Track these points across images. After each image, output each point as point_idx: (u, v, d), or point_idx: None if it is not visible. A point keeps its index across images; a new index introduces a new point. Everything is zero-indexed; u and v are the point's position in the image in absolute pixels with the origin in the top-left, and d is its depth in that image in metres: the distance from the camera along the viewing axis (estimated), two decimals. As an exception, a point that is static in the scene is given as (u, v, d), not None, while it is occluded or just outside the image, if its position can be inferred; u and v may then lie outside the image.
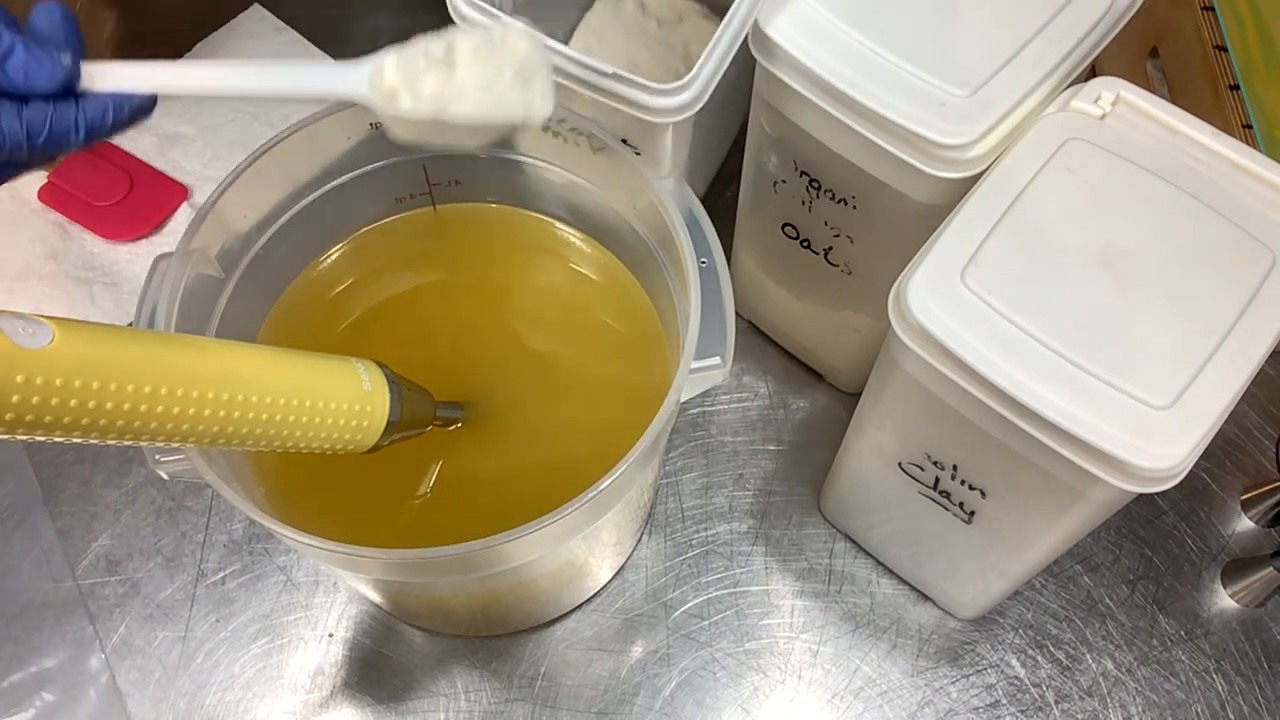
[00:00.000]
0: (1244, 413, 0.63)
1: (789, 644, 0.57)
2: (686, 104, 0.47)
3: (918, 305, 0.38)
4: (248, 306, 0.51)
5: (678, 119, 0.47)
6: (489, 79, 0.39)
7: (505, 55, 0.39)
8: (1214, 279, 0.39)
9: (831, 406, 0.64)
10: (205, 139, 0.73)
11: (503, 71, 0.39)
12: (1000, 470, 0.43)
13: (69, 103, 0.35)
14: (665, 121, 0.47)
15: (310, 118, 0.48)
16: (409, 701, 0.55)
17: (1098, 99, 0.43)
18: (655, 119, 0.47)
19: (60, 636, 0.58)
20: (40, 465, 0.62)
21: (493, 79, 0.39)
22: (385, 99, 0.38)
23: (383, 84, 0.38)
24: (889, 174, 0.45)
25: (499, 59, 0.39)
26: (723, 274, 0.44)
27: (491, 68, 0.39)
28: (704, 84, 0.47)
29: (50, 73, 0.34)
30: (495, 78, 0.39)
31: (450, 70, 0.38)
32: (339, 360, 0.44)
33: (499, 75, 0.39)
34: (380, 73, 0.39)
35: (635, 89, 0.46)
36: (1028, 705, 0.55)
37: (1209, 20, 0.60)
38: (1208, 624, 0.57)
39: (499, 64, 0.39)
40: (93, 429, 0.33)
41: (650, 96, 0.46)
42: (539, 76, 0.39)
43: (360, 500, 0.50)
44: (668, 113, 0.47)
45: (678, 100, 0.46)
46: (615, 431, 0.50)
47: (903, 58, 0.43)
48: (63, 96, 0.35)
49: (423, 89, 0.38)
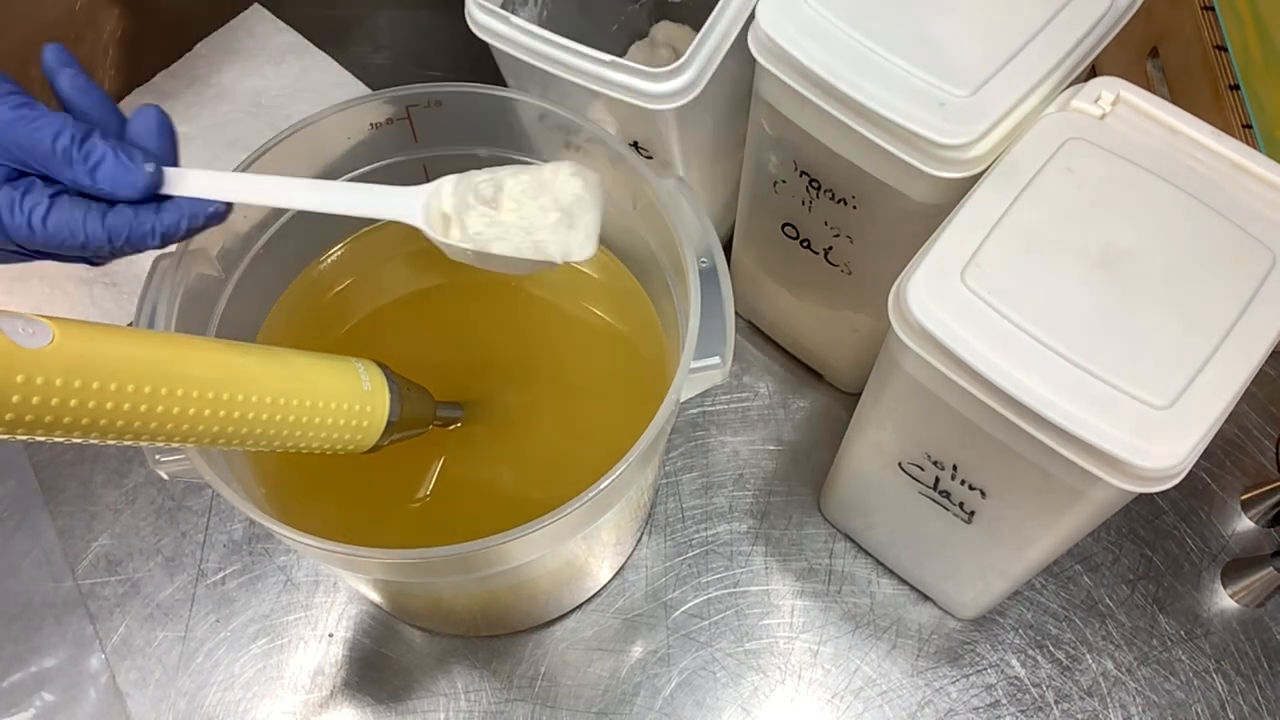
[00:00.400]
0: (1244, 413, 0.63)
1: (789, 644, 0.57)
2: (682, 89, 0.47)
3: (918, 305, 0.38)
4: (248, 306, 0.51)
5: (676, 105, 0.47)
6: (532, 220, 0.40)
7: (552, 194, 0.40)
8: (1214, 279, 0.39)
9: (831, 406, 0.64)
10: (205, 139, 0.73)
11: (548, 212, 0.40)
12: (1000, 470, 0.43)
13: (150, 209, 0.37)
14: (665, 109, 0.47)
15: (310, 118, 0.48)
16: (409, 701, 0.55)
17: (1098, 99, 0.43)
18: (654, 105, 0.47)
19: (60, 636, 0.58)
20: (40, 465, 0.62)
21: (536, 219, 0.40)
22: (437, 227, 0.40)
23: (436, 213, 0.40)
24: (889, 174, 0.45)
25: (545, 199, 0.40)
26: (723, 274, 0.44)
27: (537, 208, 0.40)
28: (699, 68, 0.47)
29: (134, 182, 0.36)
30: (539, 218, 0.40)
31: (496, 209, 0.40)
32: (339, 360, 0.44)
33: (543, 215, 0.40)
34: (434, 202, 0.40)
35: (632, 75, 0.46)
36: (1028, 705, 0.55)
37: (1209, 20, 0.60)
38: (1208, 624, 0.57)
39: (545, 204, 0.40)
40: (93, 429, 0.33)
41: (647, 82, 0.46)
42: (585, 217, 0.41)
43: (360, 500, 0.50)
44: (665, 98, 0.47)
45: (673, 85, 0.46)
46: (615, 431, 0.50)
47: (903, 57, 0.43)
48: (144, 202, 0.36)
49: (469, 225, 0.40)
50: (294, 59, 0.77)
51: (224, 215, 0.38)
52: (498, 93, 0.50)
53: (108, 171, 0.35)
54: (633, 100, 0.48)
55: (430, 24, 0.80)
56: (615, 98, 0.48)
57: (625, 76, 0.47)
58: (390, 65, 0.77)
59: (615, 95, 0.48)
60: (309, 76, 0.76)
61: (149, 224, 0.37)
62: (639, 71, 0.47)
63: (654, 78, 0.47)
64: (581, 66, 0.48)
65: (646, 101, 0.47)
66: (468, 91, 0.50)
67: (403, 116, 0.51)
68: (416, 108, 0.51)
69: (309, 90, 0.75)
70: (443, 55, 0.78)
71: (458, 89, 0.50)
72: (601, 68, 0.47)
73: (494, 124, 0.52)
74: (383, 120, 0.51)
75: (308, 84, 0.76)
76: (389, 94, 0.50)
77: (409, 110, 0.51)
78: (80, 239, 0.36)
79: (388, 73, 0.77)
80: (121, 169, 0.35)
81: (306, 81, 0.76)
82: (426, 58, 0.78)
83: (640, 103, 0.48)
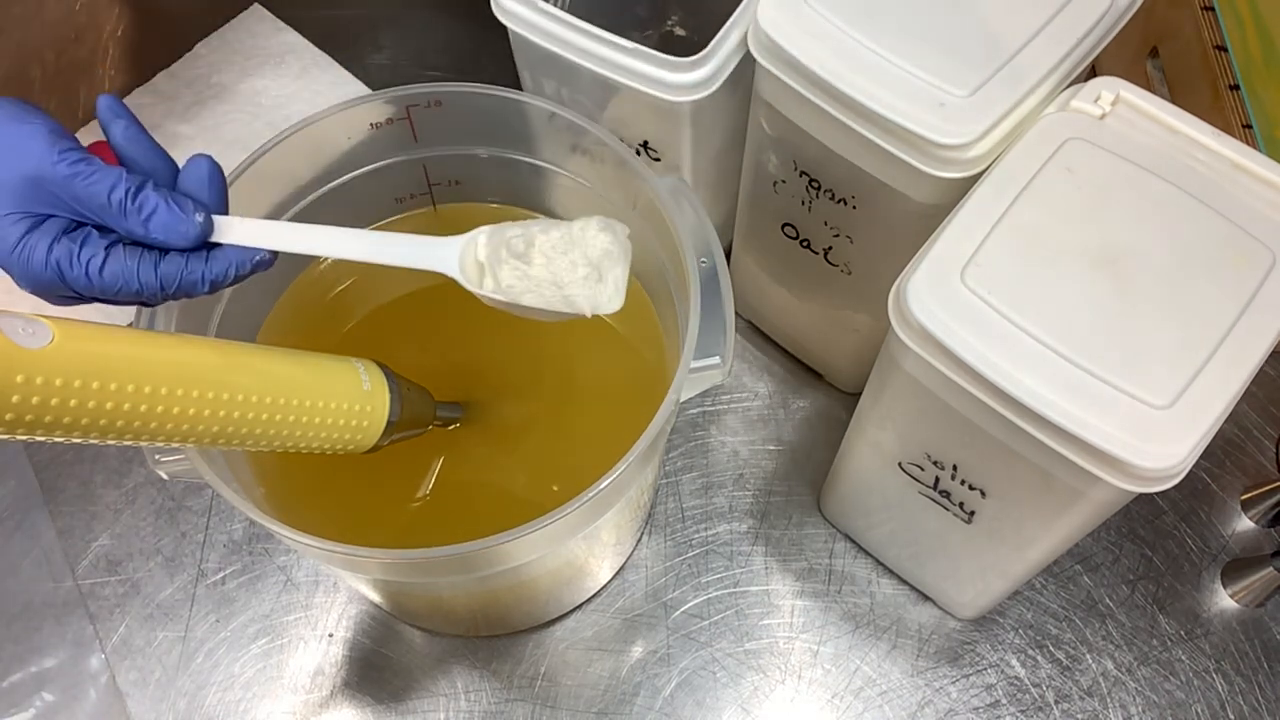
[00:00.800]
0: (1244, 413, 0.63)
1: (789, 644, 0.57)
2: (704, 80, 0.47)
3: (918, 305, 0.38)
4: (248, 306, 0.51)
5: (696, 96, 0.47)
6: (562, 274, 0.42)
7: (582, 249, 0.42)
8: (1214, 279, 0.39)
9: (831, 406, 0.64)
10: (205, 139, 0.73)
11: (577, 267, 0.42)
12: (1000, 470, 0.43)
13: (199, 257, 0.38)
14: (685, 100, 0.48)
15: (310, 118, 0.48)
16: (409, 701, 0.55)
17: (1098, 99, 0.43)
18: (674, 96, 0.48)
19: (60, 636, 0.58)
20: (40, 465, 0.62)
21: (565, 274, 0.42)
22: (471, 278, 0.42)
23: (471, 264, 0.42)
24: (889, 174, 0.45)
25: (575, 254, 0.42)
26: (723, 274, 0.44)
27: (566, 262, 0.42)
28: (720, 60, 0.47)
29: (185, 232, 0.37)
30: (568, 273, 0.42)
31: (528, 264, 0.42)
32: (339, 360, 0.44)
33: (572, 270, 0.42)
34: (468, 254, 0.42)
35: (656, 64, 0.47)
36: (1028, 705, 0.55)
37: (1209, 20, 0.60)
38: (1208, 624, 0.57)
39: (574, 259, 0.42)
40: (93, 429, 0.33)
41: (669, 72, 0.47)
42: (614, 271, 0.42)
43: (360, 500, 0.50)
44: (686, 89, 0.47)
45: (695, 76, 0.47)
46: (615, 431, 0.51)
47: (903, 57, 0.43)
48: (196, 250, 0.38)
49: (501, 277, 0.41)
50: (294, 59, 0.77)
51: (270, 263, 0.40)
52: (498, 93, 0.50)
53: (160, 221, 0.37)
54: (653, 90, 0.48)
55: (430, 24, 0.80)
56: (633, 89, 0.49)
57: (649, 66, 0.47)
58: (390, 65, 0.77)
59: (636, 85, 0.48)
60: (309, 76, 0.76)
61: (199, 272, 0.38)
62: (663, 61, 0.47)
63: (676, 67, 0.47)
64: (606, 55, 0.48)
65: (667, 92, 0.48)
66: (468, 91, 0.50)
67: (403, 116, 0.51)
68: (416, 108, 0.51)
69: (309, 90, 0.75)
70: (443, 55, 0.78)
71: (458, 89, 0.50)
72: (626, 56, 0.47)
73: (494, 124, 0.52)
74: (383, 120, 0.51)
75: (308, 84, 0.76)
76: (389, 94, 0.50)
77: (409, 110, 0.51)
78: (135, 287, 0.37)
79: (388, 73, 0.77)
80: (174, 219, 0.37)
81: (306, 81, 0.76)
82: (426, 58, 0.78)
83: (661, 93, 0.48)
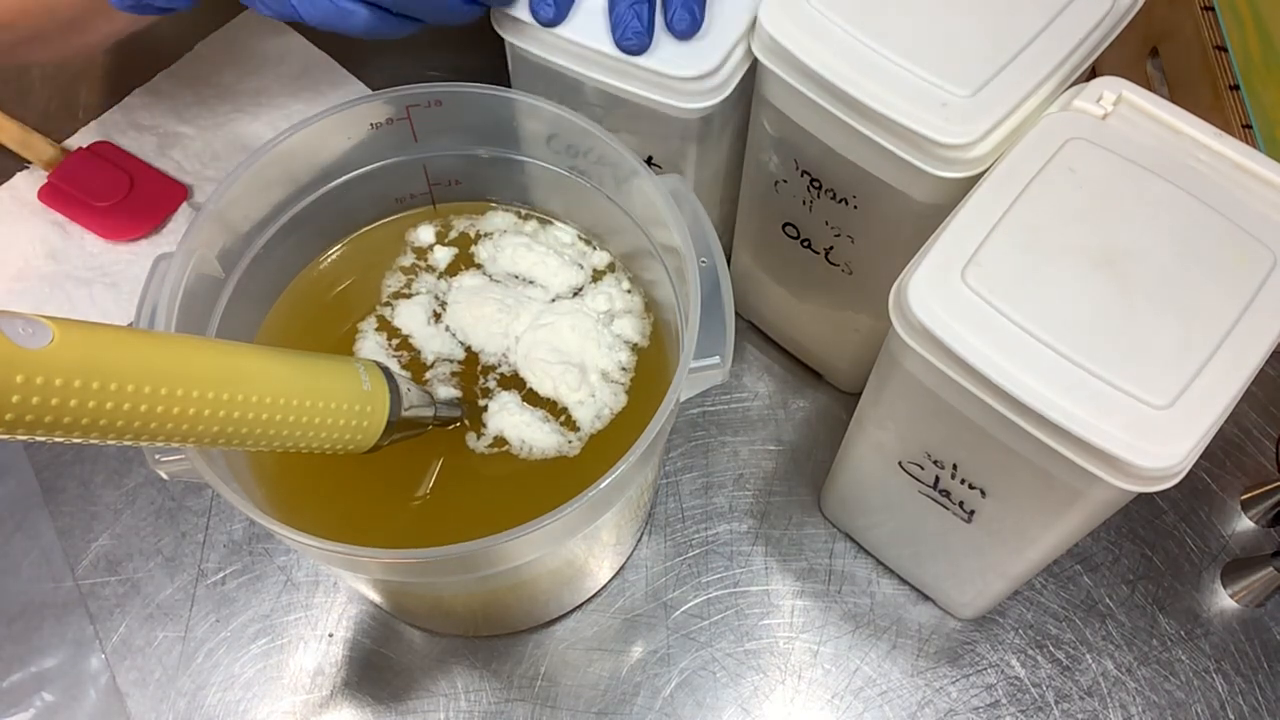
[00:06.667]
0: (1244, 413, 0.63)
1: (789, 644, 0.57)
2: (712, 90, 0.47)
3: (918, 304, 0.38)
4: (248, 306, 0.51)
5: (706, 104, 0.47)
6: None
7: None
8: (1214, 279, 0.39)
9: (831, 406, 0.64)
10: (205, 139, 0.73)
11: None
12: (1000, 469, 0.43)
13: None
14: (694, 106, 0.47)
15: (310, 118, 0.48)
16: (409, 701, 0.55)
17: (1100, 99, 0.43)
18: (684, 103, 0.47)
19: (60, 636, 0.57)
20: (40, 465, 0.62)
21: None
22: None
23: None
24: (890, 173, 0.45)
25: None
26: (723, 274, 0.44)
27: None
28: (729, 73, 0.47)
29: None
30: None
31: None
32: (339, 360, 0.44)
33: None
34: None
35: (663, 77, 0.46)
36: (1028, 705, 0.55)
37: (1209, 20, 0.60)
38: (1208, 624, 0.57)
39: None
40: (93, 429, 0.33)
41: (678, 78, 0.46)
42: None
43: (360, 500, 0.50)
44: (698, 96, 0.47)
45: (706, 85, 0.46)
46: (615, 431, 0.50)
47: (904, 57, 0.43)
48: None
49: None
50: (294, 59, 0.77)
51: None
52: (498, 93, 0.50)
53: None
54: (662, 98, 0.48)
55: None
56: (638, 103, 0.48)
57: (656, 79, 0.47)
58: (390, 65, 0.77)
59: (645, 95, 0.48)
60: (309, 76, 0.76)
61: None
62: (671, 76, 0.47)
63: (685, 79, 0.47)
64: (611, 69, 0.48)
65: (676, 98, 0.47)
66: (468, 91, 0.50)
67: (403, 116, 0.51)
68: (416, 108, 0.51)
69: (309, 90, 0.75)
70: (443, 55, 0.78)
71: (458, 89, 0.50)
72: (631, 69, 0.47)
73: (494, 124, 0.52)
74: (383, 120, 0.51)
75: (308, 84, 0.76)
76: (389, 94, 0.49)
77: (409, 110, 0.51)
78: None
79: (388, 73, 0.77)
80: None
81: (306, 81, 0.76)
82: (427, 58, 0.78)
83: (670, 99, 0.47)
